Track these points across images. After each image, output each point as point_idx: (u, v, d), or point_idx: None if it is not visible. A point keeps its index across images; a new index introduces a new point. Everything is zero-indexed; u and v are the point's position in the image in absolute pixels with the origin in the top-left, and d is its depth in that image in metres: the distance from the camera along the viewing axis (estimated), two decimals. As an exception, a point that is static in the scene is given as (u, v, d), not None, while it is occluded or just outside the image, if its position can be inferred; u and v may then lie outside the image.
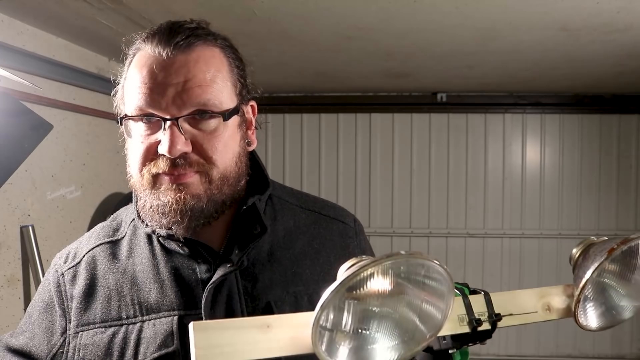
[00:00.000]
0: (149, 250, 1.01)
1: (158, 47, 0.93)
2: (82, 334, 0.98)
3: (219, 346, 0.63)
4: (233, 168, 0.98)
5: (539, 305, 0.84)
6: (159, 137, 0.91)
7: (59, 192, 2.76)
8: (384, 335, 0.67)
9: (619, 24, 2.50)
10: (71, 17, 2.39)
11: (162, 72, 0.91)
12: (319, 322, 0.62)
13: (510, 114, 4.54)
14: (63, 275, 1.03)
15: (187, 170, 0.92)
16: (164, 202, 0.92)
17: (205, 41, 0.96)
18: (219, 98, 0.94)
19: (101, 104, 3.13)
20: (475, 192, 4.55)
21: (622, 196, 4.49)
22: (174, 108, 0.90)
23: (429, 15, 2.40)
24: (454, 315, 0.75)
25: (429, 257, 0.65)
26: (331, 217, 1.13)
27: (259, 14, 2.38)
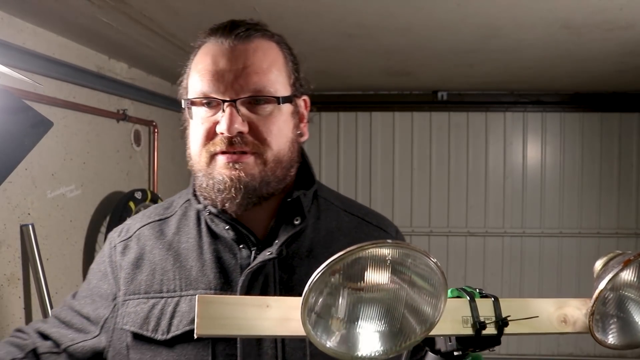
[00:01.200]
0: (196, 231, 1.09)
1: (220, 38, 1.02)
2: (128, 302, 1.06)
3: (219, 318, 0.69)
4: (286, 152, 1.05)
5: (554, 316, 0.82)
6: (218, 119, 0.99)
7: (59, 190, 2.76)
8: (372, 321, 0.69)
9: (620, 22, 2.49)
10: (71, 15, 2.38)
11: (223, 59, 0.99)
12: (307, 302, 0.65)
13: (511, 112, 4.54)
14: (115, 248, 1.13)
15: (244, 148, 0.99)
16: (219, 180, 0.99)
17: (263, 34, 1.05)
18: (274, 85, 1.01)
19: (101, 103, 3.12)
20: (476, 190, 4.54)
21: (623, 195, 4.49)
22: (232, 92, 0.98)
23: (429, 13, 2.39)
24: (458, 316, 0.75)
25: (416, 247, 0.67)
26: (373, 225, 1.17)
27: (260, 11, 2.37)
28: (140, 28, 2.60)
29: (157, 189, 3.75)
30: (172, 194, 3.75)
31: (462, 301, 0.78)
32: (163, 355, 1.02)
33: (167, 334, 1.01)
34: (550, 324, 0.81)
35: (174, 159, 4.21)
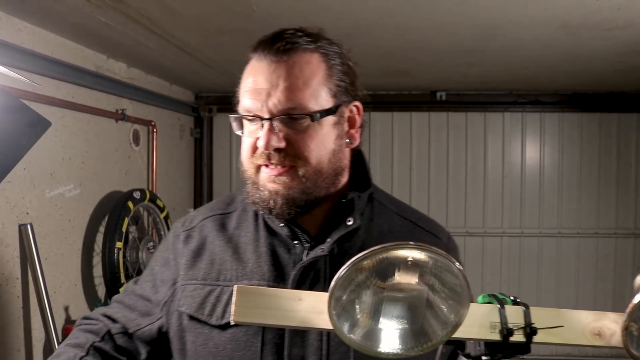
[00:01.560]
0: (254, 226, 1.16)
1: (262, 54, 1.06)
2: (186, 287, 1.14)
3: (254, 307, 0.76)
4: (327, 163, 1.08)
5: (587, 328, 0.81)
6: (259, 134, 1.04)
7: (58, 190, 2.76)
8: (394, 320, 0.73)
9: (619, 21, 2.50)
10: (70, 14, 2.38)
11: (261, 78, 1.04)
12: (333, 296, 0.70)
13: (509, 112, 4.54)
14: (178, 237, 1.21)
15: (282, 163, 1.04)
16: (262, 192, 1.07)
17: (303, 49, 1.06)
18: (309, 101, 1.04)
19: (100, 102, 3.13)
20: (474, 190, 4.54)
21: (622, 194, 4.49)
22: (268, 109, 1.03)
23: (428, 12, 2.39)
24: (486, 321, 0.77)
25: (440, 251, 0.70)
26: (425, 230, 1.21)
27: (258, 11, 2.37)
28: (139, 28, 2.60)
29: (155, 189, 3.75)
30: (171, 194, 3.78)
31: (491, 307, 0.79)
32: (215, 338, 1.09)
33: (221, 319, 1.07)
34: (583, 335, 0.80)
35: (172, 159, 4.21)
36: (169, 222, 3.55)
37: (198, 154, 4.70)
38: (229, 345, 1.08)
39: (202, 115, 4.62)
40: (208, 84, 4.22)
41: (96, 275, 3.06)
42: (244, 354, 1.07)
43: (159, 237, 3.54)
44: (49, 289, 2.57)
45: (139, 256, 3.20)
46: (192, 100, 4.61)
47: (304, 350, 1.06)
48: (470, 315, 0.75)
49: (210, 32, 2.72)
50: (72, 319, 2.84)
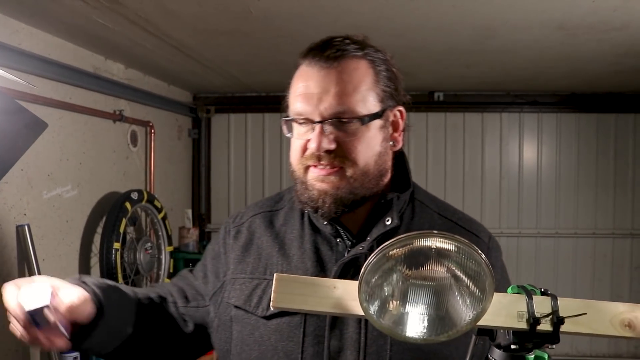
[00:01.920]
0: (299, 224, 1.22)
1: (313, 60, 1.12)
2: (235, 280, 1.21)
3: (292, 294, 0.82)
4: (373, 165, 1.14)
5: (617, 319, 0.82)
6: (310, 136, 1.10)
7: (55, 191, 2.76)
8: (420, 306, 0.77)
9: (615, 23, 2.50)
10: (67, 15, 2.38)
11: (312, 83, 1.10)
12: (362, 282, 0.75)
13: (507, 113, 4.54)
14: (229, 232, 1.29)
15: (332, 164, 1.11)
16: (311, 191, 1.13)
17: (352, 55, 1.12)
18: (358, 105, 1.10)
19: (98, 103, 3.13)
20: (472, 191, 4.55)
21: (619, 195, 4.50)
22: (320, 113, 1.09)
23: (425, 14, 2.40)
24: (514, 310, 0.80)
25: (463, 240, 0.74)
26: (466, 229, 1.24)
27: (255, 12, 2.37)
28: (136, 29, 2.60)
29: (153, 190, 3.75)
30: (170, 194, 3.79)
31: (518, 297, 0.81)
32: (261, 329, 1.15)
33: (266, 311, 1.13)
34: (612, 326, 0.81)
35: (170, 160, 4.21)
36: (166, 222, 3.55)
37: (196, 154, 4.69)
38: (273, 335, 1.14)
39: (200, 115, 4.62)
40: (206, 84, 4.23)
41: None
42: (287, 345, 1.13)
43: (156, 237, 3.54)
44: (47, 290, 2.57)
45: (137, 257, 3.20)
46: (190, 101, 4.61)
47: (343, 343, 1.12)
48: (498, 304, 0.79)
49: (207, 33, 2.72)
50: (70, 320, 2.84)
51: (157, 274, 3.55)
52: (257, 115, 4.66)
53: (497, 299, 0.79)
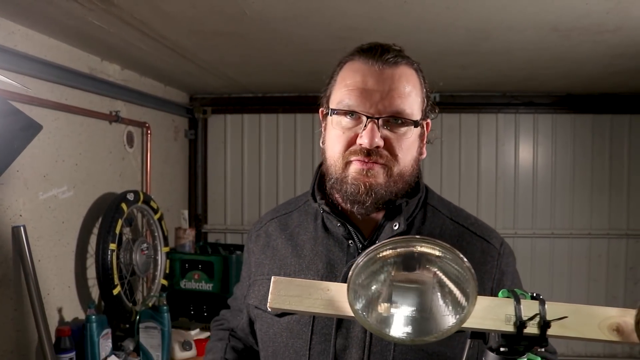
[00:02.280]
0: (313, 226, 1.27)
1: (370, 60, 1.15)
2: (255, 282, 1.30)
3: (287, 295, 0.87)
4: (409, 168, 1.20)
5: (605, 324, 0.84)
6: (358, 131, 1.14)
7: (51, 192, 2.76)
8: (405, 307, 0.80)
9: (608, 25, 2.51)
10: (63, 17, 2.39)
11: (371, 80, 1.14)
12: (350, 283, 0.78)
13: (503, 113, 4.55)
14: (251, 237, 1.38)
15: (377, 160, 1.14)
16: (353, 186, 1.15)
17: (407, 62, 1.19)
18: (411, 109, 1.16)
19: (94, 104, 3.13)
20: (468, 191, 4.56)
21: (614, 196, 4.51)
22: (376, 110, 1.13)
23: (419, 15, 2.40)
24: (502, 314, 0.83)
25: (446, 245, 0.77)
26: (477, 235, 1.28)
27: (250, 14, 2.38)
28: (132, 30, 2.61)
29: (150, 190, 3.75)
30: (166, 195, 3.83)
31: (507, 300, 0.84)
32: (275, 327, 1.23)
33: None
34: (600, 331, 0.83)
35: (167, 160, 4.22)
36: (162, 223, 3.56)
37: (192, 155, 4.70)
38: (284, 333, 1.21)
39: (197, 116, 4.62)
40: (202, 85, 4.23)
41: (90, 277, 3.07)
42: (296, 342, 1.19)
43: (152, 238, 3.54)
44: (42, 290, 2.58)
45: (133, 258, 3.21)
46: (187, 102, 4.62)
47: (349, 341, 1.16)
48: (486, 308, 0.83)
49: (203, 35, 2.73)
50: (65, 321, 2.84)
51: (154, 275, 3.55)
52: (253, 116, 4.67)
53: (486, 303, 0.83)
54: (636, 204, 4.50)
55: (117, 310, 3.00)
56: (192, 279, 3.67)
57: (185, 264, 3.71)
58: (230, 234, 4.72)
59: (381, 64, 1.15)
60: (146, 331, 2.91)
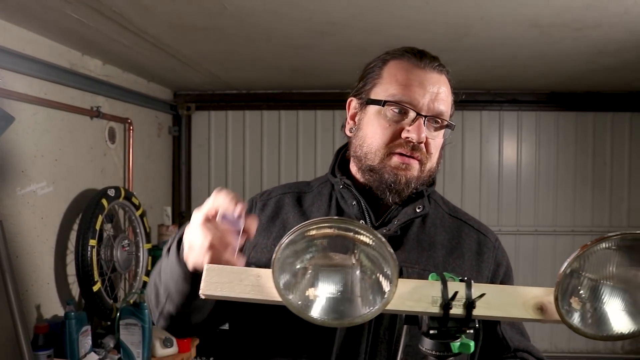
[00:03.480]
0: (327, 206, 1.32)
1: (421, 63, 1.24)
2: (257, 246, 1.29)
3: (219, 282, 0.87)
4: (435, 166, 1.29)
5: (530, 303, 0.85)
6: (404, 125, 1.22)
7: (30, 187, 2.74)
8: (328, 289, 0.82)
9: (588, 21, 2.52)
10: (40, 10, 2.36)
11: (423, 80, 1.22)
12: (276, 266, 0.79)
13: (487, 111, 4.57)
14: (256, 204, 1.37)
15: (417, 155, 1.22)
16: (393, 177, 1.22)
17: (447, 72, 1.29)
18: (448, 113, 1.26)
19: (74, 100, 3.10)
20: (452, 188, 4.57)
21: (597, 193, 4.54)
22: (425, 108, 1.21)
23: (399, 10, 2.41)
24: (428, 296, 0.84)
25: (368, 228, 0.79)
26: (475, 228, 1.37)
27: (230, 8, 2.37)
28: (112, 24, 2.58)
29: (132, 187, 3.73)
30: (149, 192, 3.81)
31: (433, 283, 0.85)
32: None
33: None
34: (525, 310, 0.85)
35: (150, 157, 4.19)
36: (145, 220, 3.54)
37: (176, 151, 4.68)
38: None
39: (181, 113, 4.60)
40: (186, 82, 4.21)
41: (70, 274, 3.04)
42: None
43: (134, 235, 3.52)
44: (20, 287, 2.55)
45: (114, 254, 3.19)
46: (171, 98, 4.59)
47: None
48: (413, 290, 0.84)
49: (183, 29, 2.71)
50: (44, 318, 2.82)
51: (135, 272, 3.53)
52: (237, 113, 4.65)
53: (413, 285, 0.85)
54: (618, 200, 4.54)
55: (97, 307, 2.98)
56: (175, 276, 3.64)
57: (167, 261, 3.68)
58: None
59: (431, 69, 1.24)
60: (127, 328, 2.89)
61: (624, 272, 0.81)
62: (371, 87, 1.30)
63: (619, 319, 0.81)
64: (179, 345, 3.13)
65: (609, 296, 0.82)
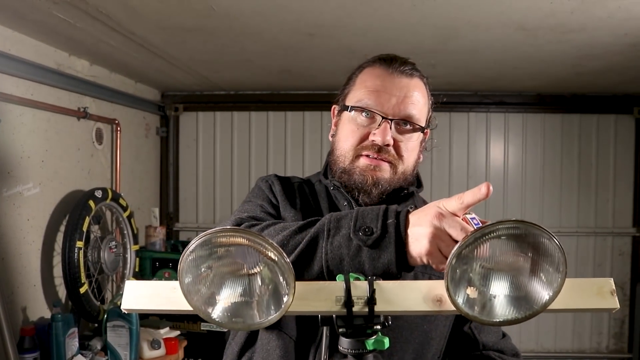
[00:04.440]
0: (328, 200, 1.37)
1: (390, 68, 1.29)
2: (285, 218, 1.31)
3: (139, 296, 0.90)
4: (410, 169, 1.32)
5: (429, 297, 0.88)
6: (371, 129, 1.27)
7: (16, 189, 2.72)
8: (232, 290, 0.84)
9: (573, 25, 2.55)
10: (26, 10, 2.35)
11: (390, 85, 1.27)
12: (181, 279, 0.81)
13: (474, 112, 4.60)
14: (273, 183, 1.39)
15: (385, 157, 1.26)
16: (361, 179, 1.27)
17: (420, 75, 1.33)
18: (419, 116, 1.29)
19: (61, 100, 3.09)
20: (439, 190, 4.59)
21: (583, 194, 4.58)
22: (390, 112, 1.26)
23: (387, 13, 2.42)
24: (332, 296, 0.87)
25: (265, 239, 0.82)
26: None
27: (218, 10, 2.37)
28: (99, 25, 2.58)
29: (119, 188, 3.71)
30: (137, 193, 3.82)
31: (337, 283, 0.88)
32: None
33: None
34: (425, 303, 0.88)
35: (138, 158, 4.18)
36: (132, 221, 3.52)
37: (164, 152, 4.66)
38: None
39: (169, 114, 4.59)
40: (174, 82, 4.20)
41: (56, 276, 3.02)
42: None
43: (122, 236, 3.51)
44: (6, 289, 2.53)
45: (101, 256, 3.17)
46: (158, 99, 4.58)
47: None
48: (318, 292, 0.87)
49: (171, 30, 2.71)
50: (30, 320, 2.80)
51: (123, 273, 3.51)
52: (225, 114, 4.64)
53: (318, 286, 0.88)
54: (603, 202, 4.58)
55: (84, 309, 2.96)
56: (163, 278, 3.64)
57: (155, 262, 3.68)
58: (202, 232, 4.68)
59: (399, 73, 1.28)
60: (114, 330, 2.87)
61: (513, 260, 0.83)
62: (346, 94, 1.36)
63: (507, 305, 0.83)
64: (166, 347, 3.12)
65: (499, 283, 0.84)
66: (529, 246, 0.81)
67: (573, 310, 0.88)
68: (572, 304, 0.87)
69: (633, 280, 4.55)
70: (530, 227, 0.79)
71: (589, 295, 0.89)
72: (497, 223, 0.79)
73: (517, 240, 0.81)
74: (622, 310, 4.57)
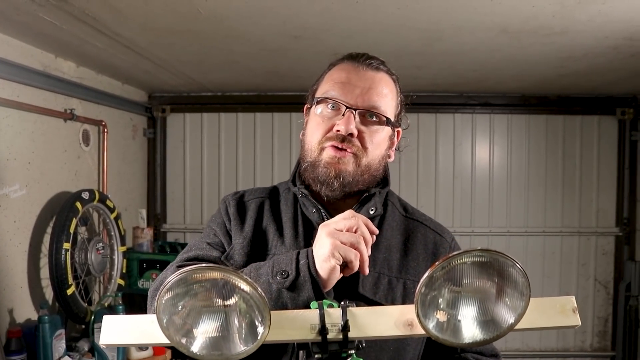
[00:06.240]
0: (292, 210, 1.36)
1: (356, 62, 1.30)
2: (233, 247, 1.32)
3: (119, 330, 0.91)
4: (376, 163, 1.31)
5: (400, 321, 0.92)
6: (337, 121, 1.26)
7: (2, 191, 2.72)
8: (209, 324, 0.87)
9: (555, 27, 2.59)
10: (11, 12, 2.35)
11: (355, 77, 1.28)
12: (159, 315, 0.84)
13: (460, 113, 4.64)
14: (230, 204, 1.40)
15: (349, 148, 1.25)
16: (324, 171, 1.26)
17: (387, 70, 1.34)
18: (386, 109, 1.29)
19: (48, 102, 3.09)
20: (426, 190, 4.63)
21: (567, 194, 4.63)
22: (355, 102, 1.26)
23: (371, 15, 2.44)
24: (307, 324, 0.90)
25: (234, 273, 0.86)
26: (430, 228, 1.40)
27: (204, 12, 2.38)
28: (85, 27, 2.58)
29: (107, 190, 3.71)
30: (124, 194, 3.84)
31: (312, 311, 0.91)
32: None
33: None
34: (397, 327, 0.91)
35: (125, 159, 4.18)
36: (119, 222, 3.52)
37: (151, 154, 4.66)
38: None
39: (156, 115, 4.59)
40: (161, 84, 4.20)
41: (43, 277, 3.02)
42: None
43: (109, 237, 3.51)
44: (-8, 291, 2.53)
45: (88, 257, 3.17)
46: (145, 100, 4.58)
47: None
48: (293, 320, 0.90)
49: (157, 32, 2.72)
50: (17, 322, 2.80)
51: (110, 274, 3.52)
52: (212, 115, 4.65)
53: (293, 315, 0.91)
54: (587, 202, 4.64)
55: (72, 311, 2.96)
56: (150, 279, 3.65)
57: (143, 264, 3.68)
58: (190, 233, 4.70)
59: (365, 66, 1.29)
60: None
61: (480, 285, 0.89)
62: (315, 90, 1.37)
63: (475, 327, 0.89)
64: (154, 348, 3.13)
65: (467, 307, 0.89)
66: (494, 272, 0.88)
67: (538, 329, 0.93)
68: (537, 323, 0.92)
69: (616, 279, 4.61)
70: (495, 255, 0.86)
71: (552, 313, 0.94)
72: (464, 252, 0.85)
73: (483, 267, 0.88)
74: (606, 309, 4.63)
